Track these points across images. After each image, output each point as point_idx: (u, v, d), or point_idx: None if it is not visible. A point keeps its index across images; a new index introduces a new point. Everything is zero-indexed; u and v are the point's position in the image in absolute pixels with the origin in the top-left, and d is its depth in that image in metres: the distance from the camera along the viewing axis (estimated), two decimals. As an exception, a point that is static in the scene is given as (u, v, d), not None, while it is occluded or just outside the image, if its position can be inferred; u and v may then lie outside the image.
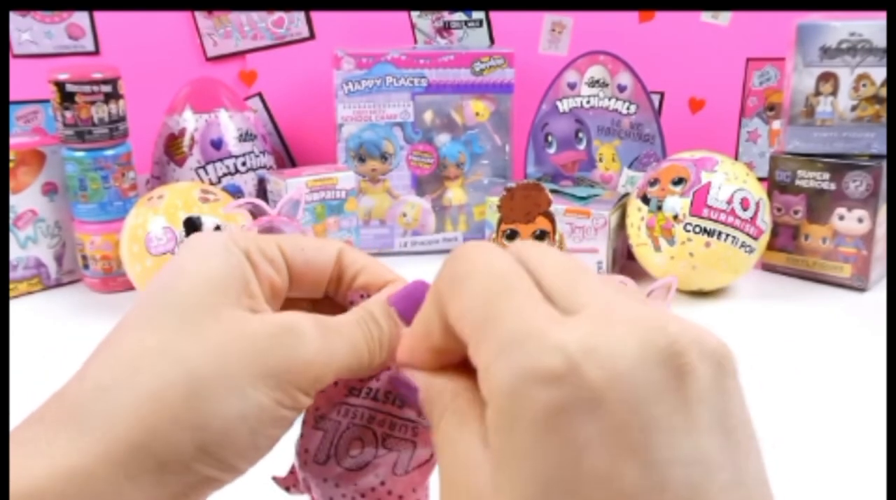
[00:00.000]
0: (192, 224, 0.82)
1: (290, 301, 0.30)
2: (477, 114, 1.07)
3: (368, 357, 0.28)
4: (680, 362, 0.20)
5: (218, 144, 1.03)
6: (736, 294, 0.94)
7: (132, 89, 0.99)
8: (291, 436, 0.28)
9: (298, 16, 1.19)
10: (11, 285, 0.94)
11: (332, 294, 0.31)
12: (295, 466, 0.30)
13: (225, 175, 1.04)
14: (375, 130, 1.06)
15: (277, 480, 0.31)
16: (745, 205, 0.88)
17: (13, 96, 1.11)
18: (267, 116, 1.21)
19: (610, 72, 1.03)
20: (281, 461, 0.30)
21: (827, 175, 0.94)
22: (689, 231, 0.87)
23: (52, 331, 0.86)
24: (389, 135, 1.06)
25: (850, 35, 0.91)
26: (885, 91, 0.91)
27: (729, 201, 0.87)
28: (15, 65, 1.12)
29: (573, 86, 1.05)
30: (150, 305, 0.27)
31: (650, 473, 0.19)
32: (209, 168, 1.03)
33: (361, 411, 0.29)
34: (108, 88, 0.91)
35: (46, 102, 1.04)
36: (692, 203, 0.87)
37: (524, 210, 0.69)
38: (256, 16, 1.18)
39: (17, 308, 0.91)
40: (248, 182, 1.05)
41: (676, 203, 0.88)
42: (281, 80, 1.20)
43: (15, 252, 0.94)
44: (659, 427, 0.19)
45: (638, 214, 0.92)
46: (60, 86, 0.89)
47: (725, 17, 1.12)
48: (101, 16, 1.14)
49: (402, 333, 0.28)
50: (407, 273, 0.31)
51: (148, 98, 1.08)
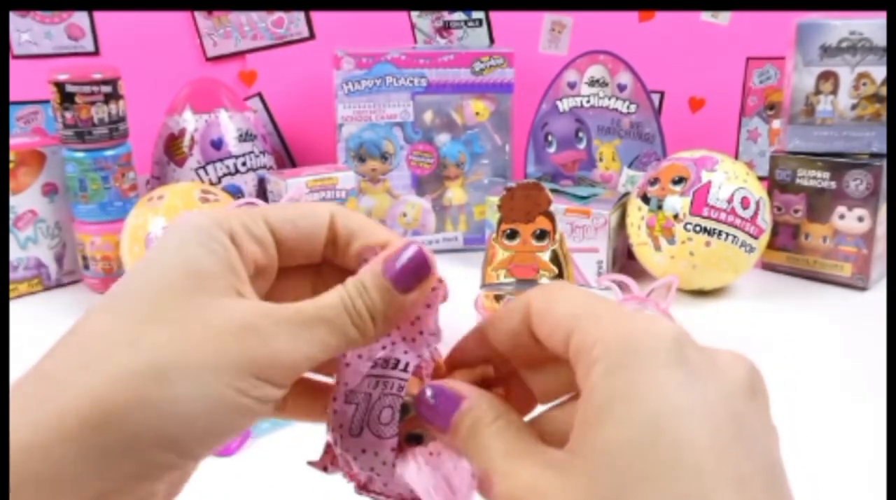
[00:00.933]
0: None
1: (289, 271, 0.30)
2: (477, 113, 1.07)
3: (359, 333, 0.28)
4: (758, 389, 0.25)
5: (218, 144, 1.03)
6: (736, 294, 0.94)
7: (132, 89, 0.99)
8: (310, 428, 0.29)
9: (298, 16, 1.19)
10: (12, 286, 0.94)
11: (330, 258, 0.31)
12: (330, 443, 0.30)
13: (225, 175, 1.04)
14: (375, 129, 1.06)
15: (314, 464, 0.31)
16: (745, 204, 0.88)
17: (13, 97, 1.11)
18: (267, 116, 1.21)
19: (610, 71, 1.03)
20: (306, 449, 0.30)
21: (827, 174, 0.94)
22: (689, 230, 0.87)
23: (52, 332, 0.85)
24: (389, 135, 1.06)
25: (850, 34, 0.91)
26: (885, 90, 0.91)
27: (729, 201, 0.87)
28: (15, 65, 1.12)
29: (573, 85, 1.05)
30: (120, 291, 0.27)
31: None
32: (209, 168, 1.03)
33: (391, 382, 0.29)
34: (108, 88, 0.91)
35: (46, 102, 1.04)
36: (692, 202, 0.87)
37: (524, 210, 0.69)
38: (256, 16, 1.18)
39: (17, 309, 0.91)
40: (248, 182, 1.05)
41: (677, 202, 0.88)
42: (281, 81, 1.20)
43: (15, 253, 0.94)
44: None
45: (638, 213, 0.92)
46: (60, 86, 0.89)
47: (725, 17, 1.12)
48: (100, 16, 1.14)
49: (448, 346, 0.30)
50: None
51: (148, 98, 1.08)
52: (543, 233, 0.69)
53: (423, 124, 1.07)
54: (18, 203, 0.94)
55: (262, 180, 1.06)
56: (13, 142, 0.94)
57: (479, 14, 1.18)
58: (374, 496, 0.30)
